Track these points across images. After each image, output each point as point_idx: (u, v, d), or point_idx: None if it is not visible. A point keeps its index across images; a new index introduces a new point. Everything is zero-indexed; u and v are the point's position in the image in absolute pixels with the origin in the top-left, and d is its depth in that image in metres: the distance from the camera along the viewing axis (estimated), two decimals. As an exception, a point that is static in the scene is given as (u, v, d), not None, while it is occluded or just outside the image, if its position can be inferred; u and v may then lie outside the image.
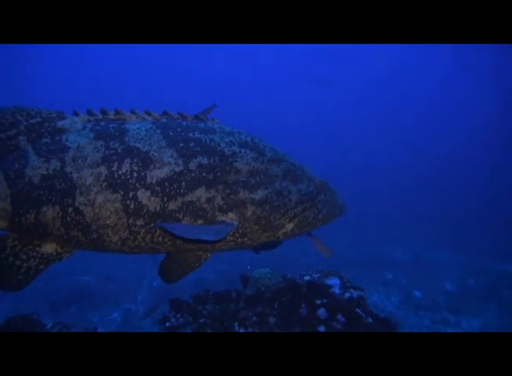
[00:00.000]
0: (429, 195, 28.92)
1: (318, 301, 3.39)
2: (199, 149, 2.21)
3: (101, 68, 41.25)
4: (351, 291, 3.67)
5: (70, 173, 2.13)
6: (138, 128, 2.24)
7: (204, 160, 2.19)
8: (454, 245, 15.23)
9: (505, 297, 10.74)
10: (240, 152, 2.27)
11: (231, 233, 2.23)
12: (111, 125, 2.27)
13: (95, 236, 2.18)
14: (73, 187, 2.12)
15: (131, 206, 2.13)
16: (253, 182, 2.23)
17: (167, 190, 2.14)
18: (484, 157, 36.32)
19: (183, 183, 2.16)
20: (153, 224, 2.15)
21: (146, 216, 2.14)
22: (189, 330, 3.47)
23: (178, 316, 3.61)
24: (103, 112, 2.34)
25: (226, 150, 2.25)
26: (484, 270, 12.36)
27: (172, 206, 2.15)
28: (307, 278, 3.74)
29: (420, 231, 18.06)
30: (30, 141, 2.22)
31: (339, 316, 3.31)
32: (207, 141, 2.24)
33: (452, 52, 30.80)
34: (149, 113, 2.36)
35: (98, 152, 2.16)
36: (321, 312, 3.32)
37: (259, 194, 2.23)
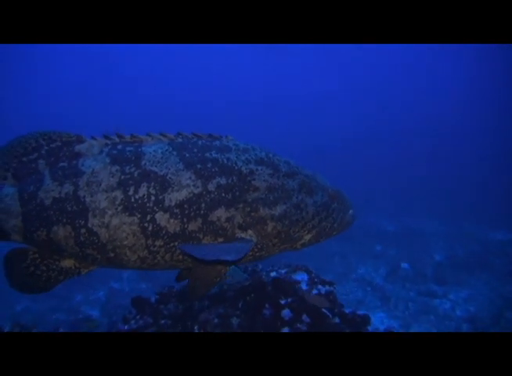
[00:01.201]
0: (416, 166, 28.87)
1: (282, 301, 3.23)
2: (217, 169, 2.24)
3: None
4: (319, 286, 3.51)
5: (84, 197, 2.20)
6: (154, 151, 2.28)
7: (223, 181, 2.23)
8: (443, 215, 15.16)
9: (493, 265, 10.74)
10: (257, 169, 2.31)
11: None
12: (128, 149, 2.31)
13: (112, 254, 2.25)
14: (86, 210, 2.19)
15: (150, 228, 2.17)
16: (271, 198, 2.28)
17: (186, 212, 2.18)
18: (470, 125, 36.14)
19: (203, 205, 2.19)
20: (172, 244, 2.21)
21: (166, 237, 2.19)
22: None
23: (138, 317, 3.45)
24: (119, 136, 2.39)
25: (244, 168, 2.29)
26: (473, 239, 12.33)
27: (192, 227, 2.19)
28: (273, 274, 3.57)
29: (409, 202, 17.97)
30: (49, 165, 2.33)
31: (304, 317, 3.15)
32: (224, 160, 2.28)
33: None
34: (164, 135, 2.39)
35: (113, 177, 2.21)
36: (285, 312, 3.16)
37: (278, 210, 2.29)
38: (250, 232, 2.27)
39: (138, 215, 2.16)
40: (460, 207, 16.62)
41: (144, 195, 2.17)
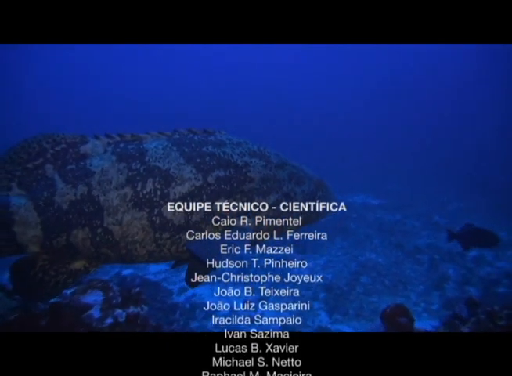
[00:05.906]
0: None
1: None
2: (215, 162, 2.36)
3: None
4: (118, 311, 2.64)
5: (97, 196, 2.24)
6: (155, 147, 2.36)
7: (221, 173, 2.35)
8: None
9: (351, 230, 10.92)
10: (251, 162, 2.45)
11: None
12: (130, 146, 2.38)
13: (124, 251, 2.29)
14: (101, 209, 2.23)
15: (157, 222, 2.25)
16: (265, 188, 2.44)
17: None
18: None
19: (204, 196, 2.30)
20: (178, 236, 2.29)
21: (172, 229, 2.27)
22: None
23: None
24: (120, 135, 2.43)
25: (239, 161, 2.42)
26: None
27: (195, 218, 2.29)
28: (52, 300, 2.59)
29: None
30: (57, 169, 2.30)
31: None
32: (221, 154, 2.40)
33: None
34: (161, 133, 2.47)
35: (121, 174, 2.28)
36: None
37: (271, 199, 2.44)
38: (247, 220, 2.40)
39: (147, 210, 2.23)
40: (327, 175, 16.95)
41: (151, 190, 2.25)
